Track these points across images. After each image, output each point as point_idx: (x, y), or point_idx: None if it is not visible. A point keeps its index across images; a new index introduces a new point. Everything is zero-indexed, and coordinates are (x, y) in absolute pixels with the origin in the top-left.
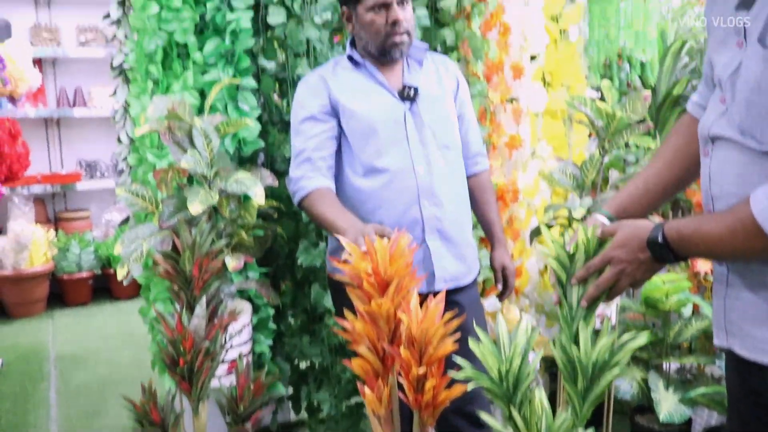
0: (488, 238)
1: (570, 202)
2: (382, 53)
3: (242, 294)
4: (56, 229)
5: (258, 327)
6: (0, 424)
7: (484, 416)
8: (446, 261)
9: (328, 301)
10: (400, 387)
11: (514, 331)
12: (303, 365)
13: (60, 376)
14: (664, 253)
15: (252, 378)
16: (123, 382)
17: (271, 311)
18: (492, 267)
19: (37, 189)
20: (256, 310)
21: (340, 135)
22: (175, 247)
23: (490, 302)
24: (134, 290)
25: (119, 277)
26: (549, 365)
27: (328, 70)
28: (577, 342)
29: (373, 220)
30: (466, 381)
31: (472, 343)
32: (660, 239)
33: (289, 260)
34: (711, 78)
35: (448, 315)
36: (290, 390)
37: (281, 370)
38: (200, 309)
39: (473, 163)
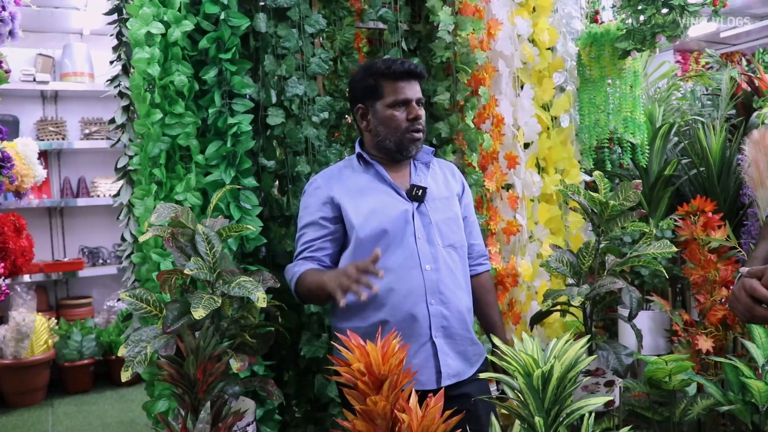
0: (489, 339)
1: (568, 290)
2: (399, 149)
3: (248, 389)
4: (58, 317)
5: (263, 419)
6: None
7: None
8: (450, 359)
9: (332, 391)
10: None
11: (509, 430)
12: None
13: None
14: None
15: None
16: None
17: (276, 403)
18: (494, 369)
19: (39, 277)
20: (261, 402)
21: (345, 236)
22: (179, 350)
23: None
24: (137, 377)
25: (123, 379)
26: None
27: (334, 173)
28: None
29: (381, 316)
30: None
31: None
32: None
33: (292, 351)
34: None
35: (449, 412)
36: None
37: None
38: (205, 413)
39: (477, 263)
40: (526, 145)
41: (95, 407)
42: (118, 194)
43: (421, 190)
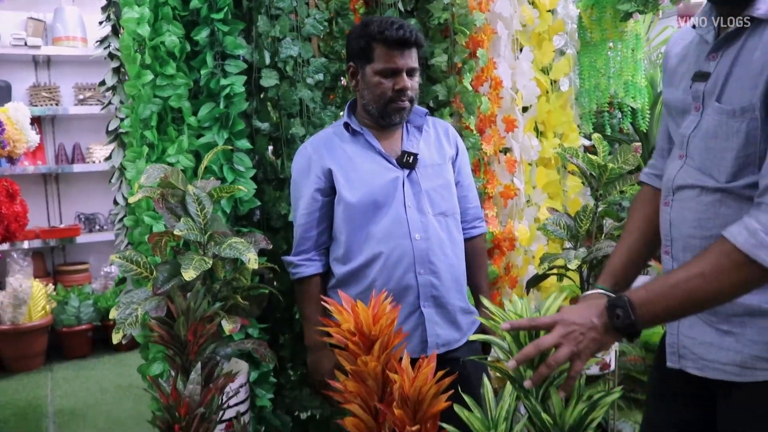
0: (475, 301)
1: (565, 254)
2: (382, 116)
3: (242, 350)
4: (55, 283)
5: (258, 381)
6: None
7: None
8: (439, 328)
9: None
10: None
11: (501, 394)
12: (304, 416)
13: (58, 431)
14: (624, 315)
15: None
16: None
17: (272, 366)
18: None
19: (35, 243)
20: (256, 365)
21: (338, 203)
22: (170, 312)
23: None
24: (134, 342)
25: (114, 341)
26: None
27: (323, 140)
28: (546, 407)
29: (368, 284)
30: None
31: (457, 408)
32: (625, 300)
33: (287, 314)
34: (667, 150)
35: (441, 373)
36: None
37: (282, 423)
38: (195, 374)
39: (471, 227)
40: (525, 109)
41: (93, 372)
42: (109, 157)
43: (412, 157)
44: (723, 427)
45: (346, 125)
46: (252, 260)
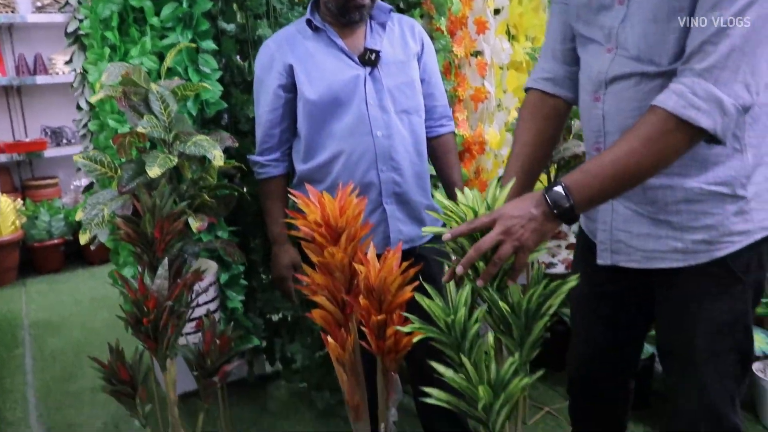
0: (450, 199)
1: None
2: (341, 13)
3: (213, 253)
4: (24, 198)
5: (229, 283)
6: None
7: (434, 365)
8: (402, 224)
9: None
10: (364, 335)
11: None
12: (275, 318)
13: (35, 342)
14: (561, 200)
15: (218, 334)
16: (98, 345)
17: (242, 268)
18: None
19: (0, 158)
20: (227, 267)
21: (299, 100)
22: (136, 211)
23: None
24: (107, 255)
25: (82, 242)
26: None
27: (286, 37)
28: (504, 296)
29: (330, 182)
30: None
31: (418, 297)
32: (561, 185)
33: (258, 217)
34: (560, 51)
35: (405, 264)
36: (264, 343)
37: (254, 325)
38: (162, 270)
39: (438, 125)
40: (497, 11)
41: (67, 285)
42: (70, 60)
43: (374, 54)
44: (663, 312)
45: (309, 22)
46: (218, 157)
